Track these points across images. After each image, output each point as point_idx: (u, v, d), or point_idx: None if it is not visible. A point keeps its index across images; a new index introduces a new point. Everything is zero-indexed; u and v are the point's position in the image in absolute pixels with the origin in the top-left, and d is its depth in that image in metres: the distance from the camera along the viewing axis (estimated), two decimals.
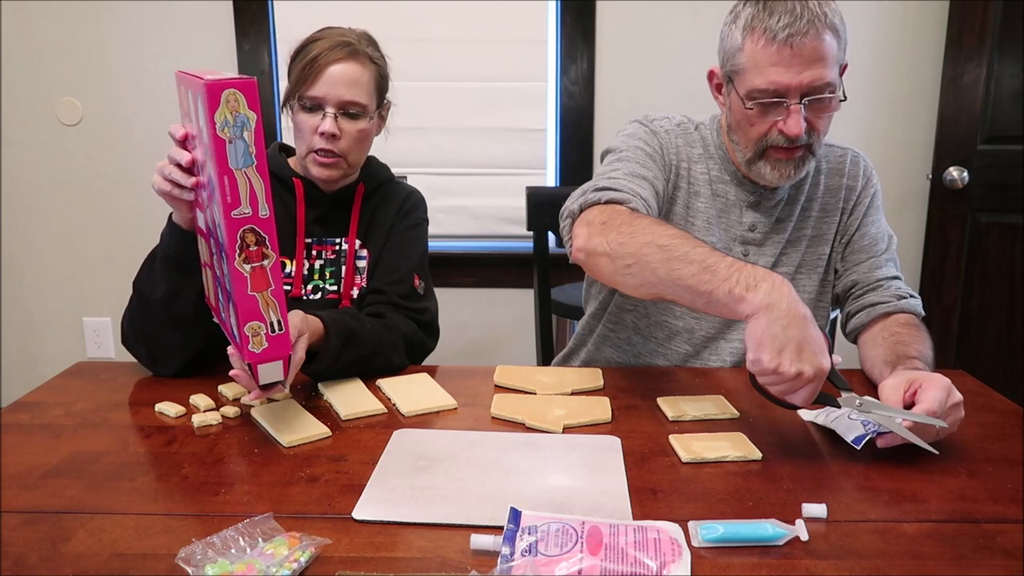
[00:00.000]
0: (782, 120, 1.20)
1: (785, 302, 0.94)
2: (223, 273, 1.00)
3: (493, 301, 2.69)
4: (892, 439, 0.94)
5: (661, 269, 1.03)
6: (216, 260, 1.04)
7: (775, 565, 0.73)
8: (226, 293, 1.02)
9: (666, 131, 1.35)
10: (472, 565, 0.72)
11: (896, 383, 0.99)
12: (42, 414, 1.09)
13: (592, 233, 1.12)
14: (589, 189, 1.20)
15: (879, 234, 1.36)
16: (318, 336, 1.14)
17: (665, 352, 1.39)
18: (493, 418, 1.08)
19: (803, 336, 0.92)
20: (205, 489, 0.87)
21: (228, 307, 1.02)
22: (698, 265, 1.00)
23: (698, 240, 1.05)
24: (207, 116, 0.90)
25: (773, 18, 1.15)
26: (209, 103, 0.89)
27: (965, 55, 2.40)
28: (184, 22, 2.53)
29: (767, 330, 0.92)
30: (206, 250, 1.11)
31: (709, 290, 0.98)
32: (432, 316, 1.40)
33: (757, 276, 0.97)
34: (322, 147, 1.30)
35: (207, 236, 1.07)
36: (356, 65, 1.31)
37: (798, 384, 0.92)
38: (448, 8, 2.51)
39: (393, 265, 1.39)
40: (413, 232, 1.43)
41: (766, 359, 0.92)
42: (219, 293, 1.07)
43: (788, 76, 1.16)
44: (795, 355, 0.91)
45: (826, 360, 0.92)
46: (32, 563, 0.73)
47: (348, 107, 1.31)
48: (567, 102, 2.58)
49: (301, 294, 1.36)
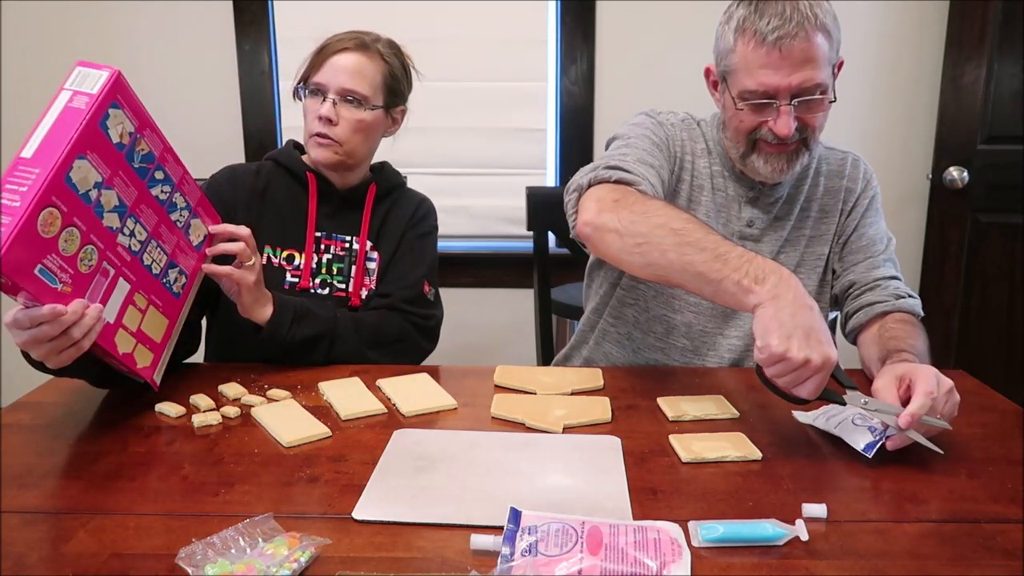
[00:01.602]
0: (772, 120, 1.21)
1: (792, 293, 0.95)
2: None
3: (493, 301, 2.69)
4: (901, 440, 0.94)
5: (672, 252, 1.03)
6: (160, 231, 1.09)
7: (775, 565, 0.73)
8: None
9: (671, 124, 1.36)
10: (472, 565, 0.72)
11: (886, 383, 0.99)
12: (42, 414, 1.09)
13: (603, 209, 1.12)
14: (600, 166, 1.20)
15: (877, 235, 1.37)
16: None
17: (664, 347, 1.39)
18: (493, 418, 1.08)
19: (811, 324, 0.93)
20: (205, 489, 0.87)
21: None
22: (710, 253, 1.01)
23: (709, 227, 1.05)
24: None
25: (763, 20, 1.15)
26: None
27: (965, 55, 2.40)
28: (184, 22, 2.53)
29: (775, 317, 0.93)
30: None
31: (719, 279, 0.99)
32: (436, 323, 1.44)
33: (767, 269, 0.98)
34: (318, 131, 1.35)
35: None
36: (362, 57, 1.36)
37: (805, 373, 0.92)
38: (448, 8, 2.51)
39: (404, 270, 1.42)
40: (426, 240, 1.47)
41: (775, 343, 0.92)
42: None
43: (777, 78, 1.17)
44: (803, 341, 0.91)
45: (833, 351, 0.93)
46: (32, 563, 0.73)
47: (348, 94, 1.34)
48: (567, 102, 2.58)
49: (309, 287, 1.37)
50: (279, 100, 2.59)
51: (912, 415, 0.91)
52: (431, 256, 1.47)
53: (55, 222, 0.90)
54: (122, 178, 1.01)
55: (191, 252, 1.17)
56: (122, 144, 1.00)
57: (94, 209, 0.96)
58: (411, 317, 1.38)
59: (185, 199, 1.14)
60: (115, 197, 0.99)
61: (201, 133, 2.57)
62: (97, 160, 0.96)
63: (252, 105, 2.57)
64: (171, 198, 1.11)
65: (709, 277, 1.00)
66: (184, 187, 1.13)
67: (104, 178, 0.97)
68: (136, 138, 1.02)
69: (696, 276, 1.02)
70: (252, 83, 2.56)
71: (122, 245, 1.02)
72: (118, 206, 1.00)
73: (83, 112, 0.94)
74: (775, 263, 0.99)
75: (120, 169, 1.00)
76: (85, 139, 0.93)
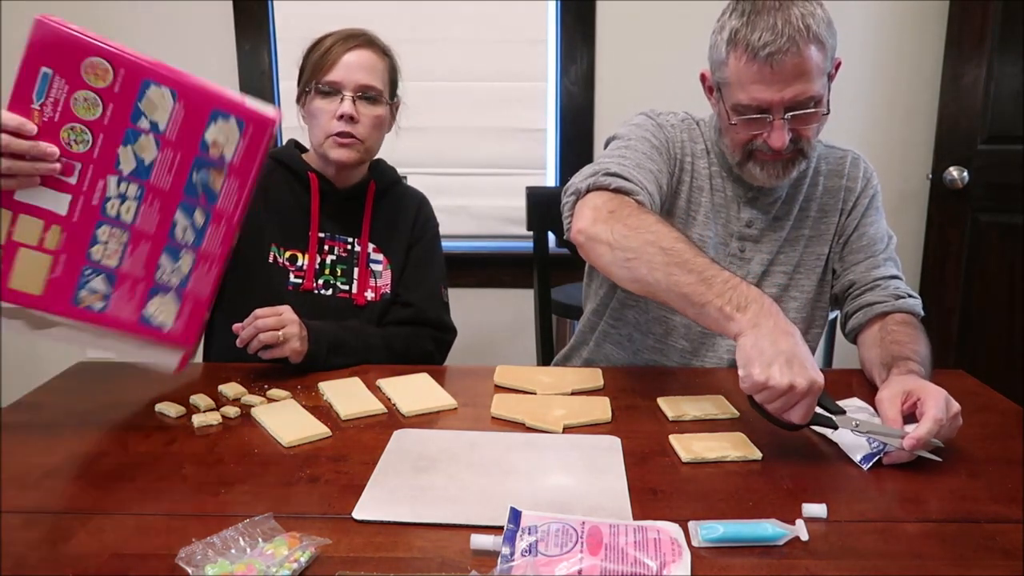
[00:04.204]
0: (766, 133, 1.21)
1: (772, 321, 0.96)
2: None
3: (493, 301, 2.69)
4: (898, 457, 0.94)
5: (660, 271, 1.04)
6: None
7: (775, 565, 0.73)
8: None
9: (672, 125, 1.36)
10: (472, 565, 0.72)
11: (892, 395, 0.99)
12: (42, 414, 1.09)
13: (597, 219, 1.13)
14: (600, 172, 1.20)
15: (877, 235, 1.36)
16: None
17: (663, 348, 1.39)
18: (493, 418, 1.08)
19: (792, 351, 0.93)
20: (205, 489, 0.87)
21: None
22: (696, 276, 1.02)
23: (699, 249, 1.06)
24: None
25: (755, 34, 1.14)
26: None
27: (965, 55, 2.39)
28: (184, 22, 2.53)
29: (755, 346, 0.94)
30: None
31: (702, 303, 1.00)
32: (453, 338, 1.50)
33: (749, 297, 0.99)
34: (340, 130, 1.34)
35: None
36: (372, 53, 1.37)
37: (792, 398, 0.92)
38: (448, 8, 2.51)
39: (421, 278, 1.46)
40: (434, 243, 1.52)
41: (756, 372, 0.92)
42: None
43: (770, 93, 1.17)
44: (785, 367, 0.92)
45: (818, 374, 0.92)
46: (32, 563, 0.73)
47: (366, 91, 1.35)
48: (567, 102, 2.58)
49: (313, 287, 1.37)
50: (279, 100, 2.59)
51: (918, 439, 0.91)
52: (441, 258, 1.52)
53: (103, 76, 0.94)
54: (167, 159, 1.00)
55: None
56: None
57: (127, 132, 0.97)
58: (436, 335, 1.45)
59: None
60: (151, 151, 0.99)
61: None
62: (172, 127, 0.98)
63: None
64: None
65: (693, 300, 1.02)
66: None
67: (158, 141, 0.98)
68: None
69: (681, 297, 1.03)
70: (252, 83, 2.56)
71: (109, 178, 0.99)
72: (140, 161, 0.99)
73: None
74: (758, 291, 1.00)
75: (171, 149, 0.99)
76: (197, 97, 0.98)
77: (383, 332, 1.39)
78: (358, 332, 1.33)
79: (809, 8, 1.16)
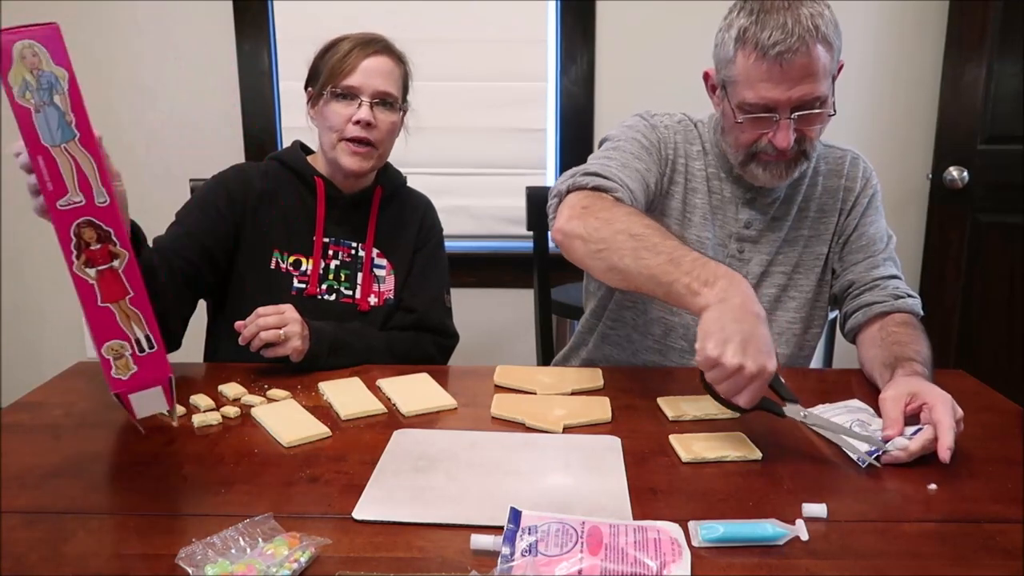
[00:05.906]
0: (771, 132, 1.21)
1: (740, 298, 0.95)
2: None
3: (493, 301, 2.69)
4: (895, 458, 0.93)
5: (629, 257, 1.05)
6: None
7: (775, 565, 0.73)
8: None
9: (666, 127, 1.36)
10: (472, 565, 0.72)
11: (896, 395, 0.99)
12: (42, 414, 1.09)
13: (572, 216, 1.14)
14: (579, 172, 1.21)
15: (877, 234, 1.36)
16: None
17: (662, 348, 1.39)
18: (493, 418, 1.08)
19: (752, 332, 0.93)
20: (205, 489, 0.87)
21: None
22: (665, 256, 1.03)
23: (669, 233, 1.07)
24: (2, 79, 0.71)
25: (764, 33, 1.14)
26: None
27: (965, 55, 2.40)
28: (184, 22, 2.53)
29: (716, 321, 0.94)
30: None
31: (670, 281, 1.01)
32: (455, 343, 1.50)
33: (717, 273, 0.99)
34: (356, 135, 1.33)
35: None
36: (389, 60, 1.37)
37: (740, 381, 0.92)
38: (448, 8, 2.51)
39: (425, 284, 1.46)
40: (439, 250, 1.52)
41: (710, 347, 0.92)
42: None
43: (778, 92, 1.17)
44: (739, 348, 0.91)
45: (771, 361, 0.92)
46: (32, 563, 0.73)
47: (384, 97, 1.35)
48: (567, 102, 2.58)
49: (316, 292, 1.37)
50: (279, 100, 2.59)
51: (950, 448, 0.91)
52: (445, 263, 1.53)
53: None
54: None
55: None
56: None
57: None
58: (438, 340, 1.45)
59: None
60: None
61: (201, 133, 2.57)
62: None
63: (252, 105, 2.57)
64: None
65: (661, 279, 1.02)
66: None
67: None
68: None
69: (650, 279, 1.04)
70: (252, 83, 2.56)
71: None
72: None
73: None
74: (728, 268, 1.00)
75: None
76: None
77: (385, 335, 1.39)
78: (360, 333, 1.33)
79: (818, 9, 1.16)
